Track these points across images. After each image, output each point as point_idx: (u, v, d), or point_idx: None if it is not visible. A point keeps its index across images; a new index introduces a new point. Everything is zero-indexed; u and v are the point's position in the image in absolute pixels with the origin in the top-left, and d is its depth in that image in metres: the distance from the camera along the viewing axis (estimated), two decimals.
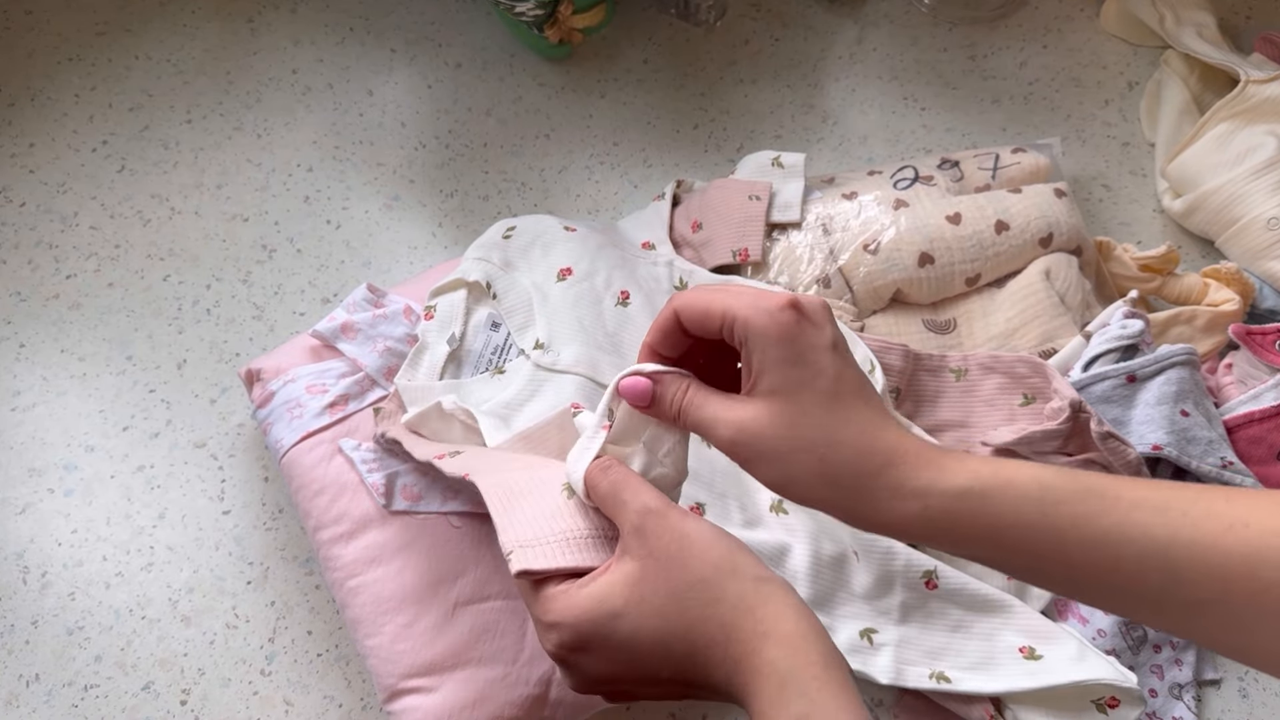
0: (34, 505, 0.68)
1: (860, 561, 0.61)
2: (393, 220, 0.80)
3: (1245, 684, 0.64)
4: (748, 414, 0.40)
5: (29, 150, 0.82)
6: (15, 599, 0.65)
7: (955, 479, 0.38)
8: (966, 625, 0.60)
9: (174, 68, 0.86)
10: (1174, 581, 0.35)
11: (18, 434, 0.70)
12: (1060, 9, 0.92)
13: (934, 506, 0.38)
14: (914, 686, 0.59)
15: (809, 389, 0.39)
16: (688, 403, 0.41)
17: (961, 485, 0.38)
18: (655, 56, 0.89)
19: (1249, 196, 0.75)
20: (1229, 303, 0.71)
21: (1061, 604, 0.63)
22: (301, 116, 0.84)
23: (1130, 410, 0.65)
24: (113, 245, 0.78)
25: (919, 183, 0.74)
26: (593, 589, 0.39)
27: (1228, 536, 0.34)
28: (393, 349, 0.66)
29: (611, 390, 0.43)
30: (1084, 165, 0.84)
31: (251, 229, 0.79)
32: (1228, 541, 0.34)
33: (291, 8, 0.90)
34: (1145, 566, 0.36)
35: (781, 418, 0.39)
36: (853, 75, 0.88)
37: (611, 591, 0.39)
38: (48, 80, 0.85)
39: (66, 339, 0.74)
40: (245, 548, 0.67)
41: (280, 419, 0.64)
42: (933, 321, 0.71)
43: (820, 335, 0.40)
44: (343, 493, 0.62)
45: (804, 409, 0.39)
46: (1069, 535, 0.36)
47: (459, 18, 0.90)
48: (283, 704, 0.63)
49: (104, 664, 0.63)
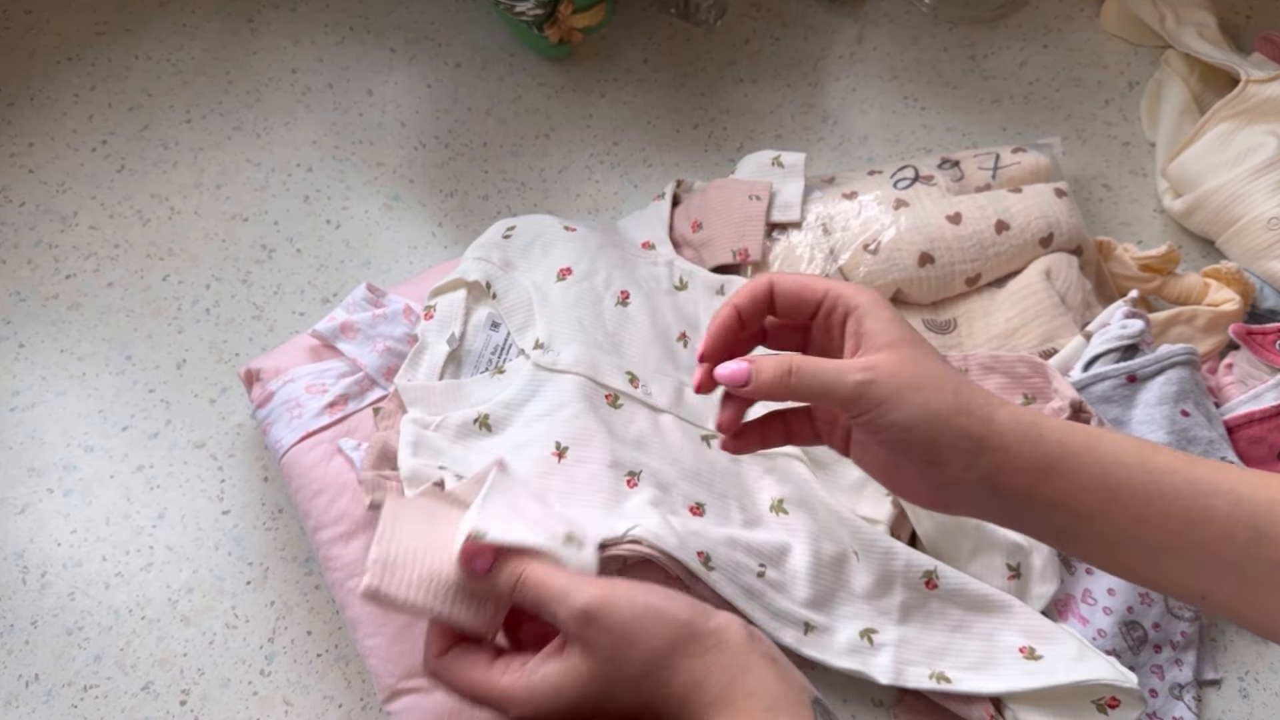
0: (33, 505, 0.68)
1: (860, 561, 0.61)
2: (392, 220, 0.80)
3: (1246, 684, 0.64)
4: (875, 360, 0.41)
5: (28, 150, 0.82)
6: (15, 599, 0.65)
7: (1063, 425, 0.40)
8: (967, 625, 0.60)
9: (174, 67, 0.86)
10: (1258, 539, 0.37)
11: (17, 434, 0.70)
12: (1060, 9, 0.92)
13: (1051, 441, 0.40)
14: (914, 686, 0.59)
15: (924, 345, 0.42)
16: (797, 368, 0.42)
17: (1068, 428, 0.40)
18: (655, 56, 0.89)
19: (1249, 196, 0.75)
20: (1229, 303, 0.71)
21: (1062, 604, 0.63)
22: (301, 116, 0.84)
23: (1131, 410, 0.65)
24: (112, 245, 0.78)
25: (919, 182, 0.74)
26: (548, 678, 0.41)
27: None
28: (392, 349, 0.66)
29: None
30: (1084, 165, 0.84)
31: (251, 229, 0.79)
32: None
33: (291, 7, 0.90)
34: (1233, 519, 0.37)
35: (910, 360, 0.41)
36: (853, 75, 0.88)
37: (563, 684, 0.41)
38: (47, 80, 0.85)
39: (66, 339, 0.74)
40: (245, 548, 0.67)
41: (280, 419, 0.64)
42: (933, 321, 0.70)
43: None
44: (342, 493, 0.62)
45: (926, 354, 0.42)
46: (1164, 482, 0.38)
47: (459, 17, 0.90)
48: (282, 704, 0.63)
49: (103, 664, 0.63)
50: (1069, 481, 0.40)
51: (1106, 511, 0.40)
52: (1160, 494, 0.39)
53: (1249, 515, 0.37)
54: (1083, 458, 0.40)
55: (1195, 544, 0.38)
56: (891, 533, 0.63)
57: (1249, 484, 0.38)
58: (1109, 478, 0.39)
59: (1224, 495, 0.38)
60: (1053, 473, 0.40)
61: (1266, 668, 0.65)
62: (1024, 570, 0.61)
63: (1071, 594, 0.63)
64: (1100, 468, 0.39)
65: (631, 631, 0.40)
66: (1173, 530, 0.39)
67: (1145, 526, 0.39)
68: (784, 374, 0.42)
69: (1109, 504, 0.39)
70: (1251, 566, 0.38)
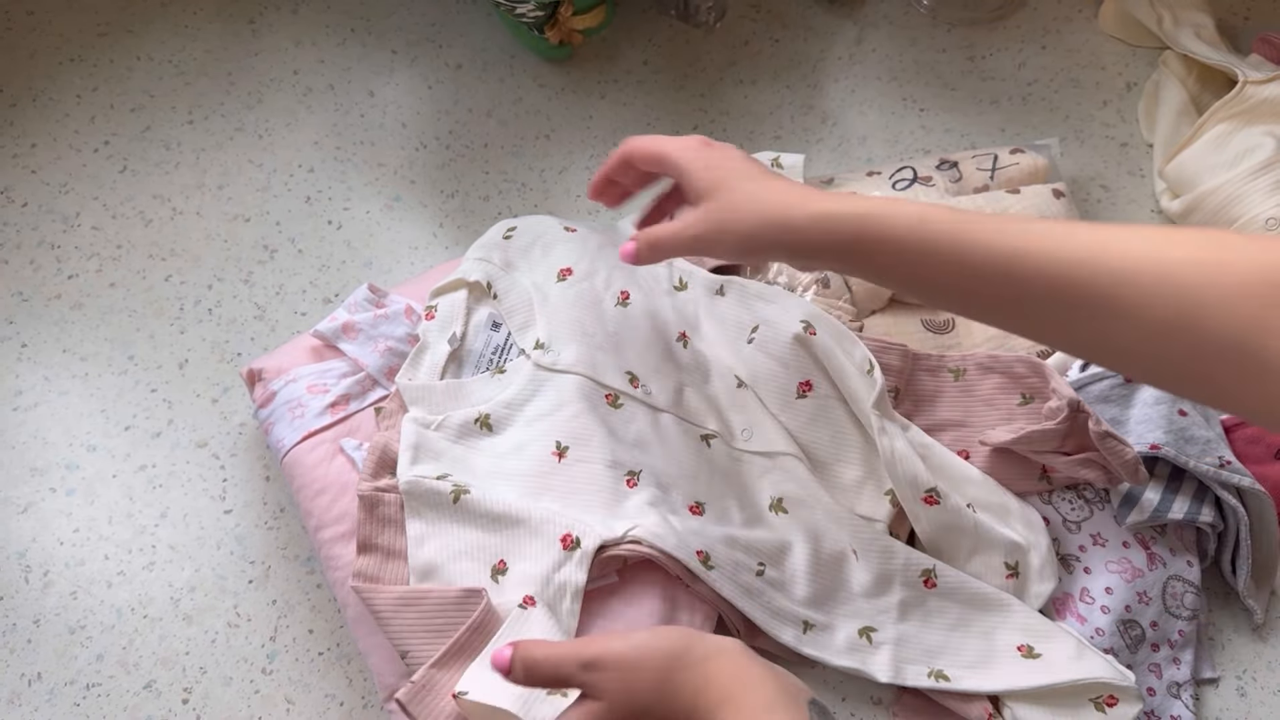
0: (36, 504, 0.68)
1: (859, 560, 0.61)
2: (394, 220, 0.80)
3: (1244, 682, 0.65)
4: (699, 213, 0.53)
5: (31, 150, 0.82)
6: (17, 598, 0.65)
7: (859, 203, 0.49)
8: (965, 623, 0.61)
9: (176, 69, 0.87)
10: (1016, 282, 0.45)
11: (20, 433, 0.71)
12: (1059, 10, 0.92)
13: (845, 215, 0.48)
14: (913, 685, 0.59)
15: (728, 182, 0.52)
16: (653, 240, 0.54)
17: (864, 208, 0.48)
18: (655, 58, 0.89)
19: (1247, 197, 0.75)
20: None
21: (1060, 602, 0.63)
22: (303, 117, 0.85)
23: (1128, 410, 0.66)
24: (114, 245, 0.78)
25: (918, 183, 0.74)
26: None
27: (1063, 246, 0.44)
28: (394, 349, 0.66)
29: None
30: (1082, 166, 0.84)
31: (253, 229, 0.79)
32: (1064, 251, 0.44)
33: (293, 9, 0.90)
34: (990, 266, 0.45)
35: (721, 204, 0.52)
36: (852, 76, 0.88)
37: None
38: (50, 81, 0.85)
39: (68, 339, 0.74)
40: (247, 547, 0.67)
41: (282, 419, 0.64)
42: (931, 321, 0.71)
43: (726, 152, 0.54)
44: (344, 492, 0.62)
45: (732, 190, 0.52)
46: (942, 245, 0.46)
47: (460, 19, 0.90)
48: (284, 702, 0.63)
49: (106, 663, 0.64)
50: (867, 263, 0.50)
51: (892, 276, 0.50)
52: (935, 252, 0.47)
53: (1006, 260, 0.45)
54: (870, 234, 0.48)
55: (968, 291, 0.47)
56: (890, 532, 0.63)
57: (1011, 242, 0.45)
58: (904, 254, 0.48)
59: (984, 247, 0.46)
60: (852, 256, 0.49)
61: (1264, 666, 0.65)
62: (1022, 569, 0.62)
63: (1069, 593, 0.63)
64: (890, 245, 0.48)
65: (633, 662, 0.45)
66: (943, 289, 0.48)
67: (923, 281, 0.48)
68: (646, 247, 0.54)
69: (892, 270, 0.49)
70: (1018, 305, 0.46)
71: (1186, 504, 0.64)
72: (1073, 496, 0.65)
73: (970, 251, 0.45)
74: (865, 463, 0.64)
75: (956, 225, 0.46)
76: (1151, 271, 0.42)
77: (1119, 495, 0.65)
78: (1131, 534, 0.65)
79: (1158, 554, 0.64)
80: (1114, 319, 0.43)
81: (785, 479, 0.64)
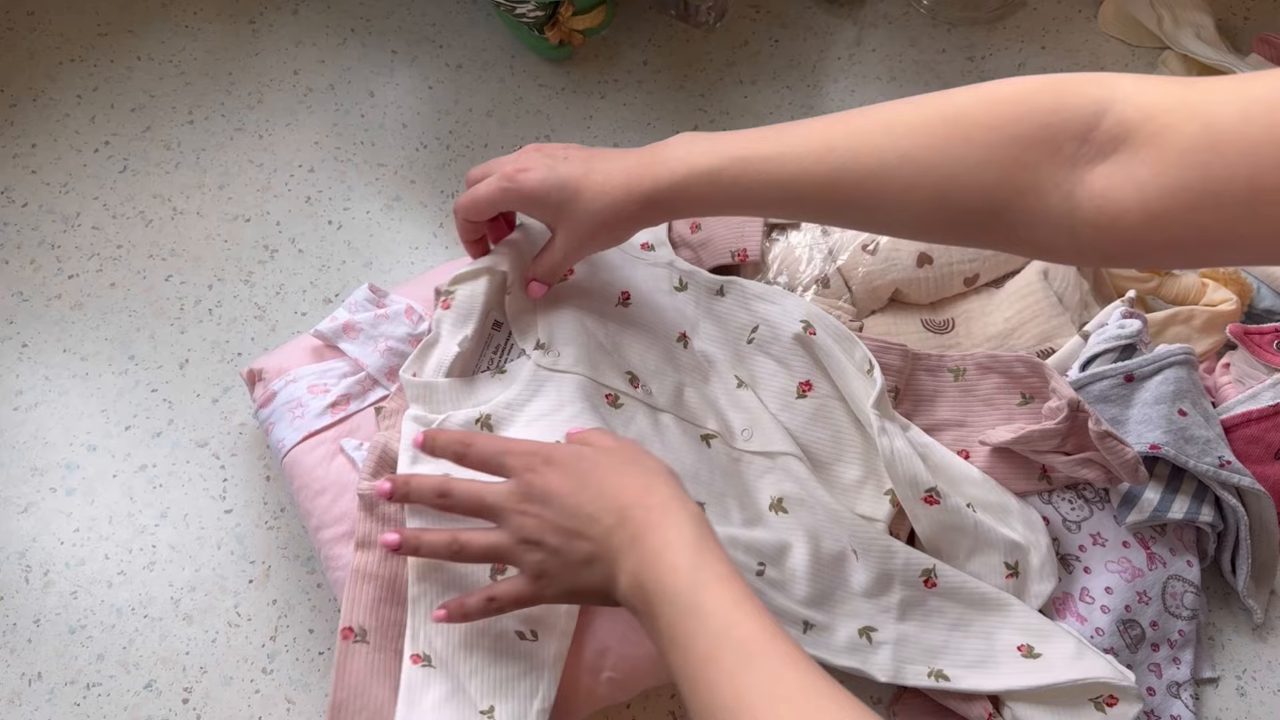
0: (36, 504, 0.68)
1: (859, 560, 0.61)
2: (394, 220, 0.80)
3: (1243, 682, 0.65)
4: (559, 238, 0.58)
5: (31, 151, 0.82)
6: (18, 598, 0.65)
7: (666, 175, 0.54)
8: (965, 623, 0.61)
9: (176, 69, 0.87)
10: (800, 201, 0.52)
11: (20, 433, 0.71)
12: (1058, 10, 0.92)
13: (659, 193, 0.54)
14: (913, 685, 0.59)
15: (564, 209, 0.57)
16: (543, 272, 0.61)
17: (668, 181, 0.54)
18: (655, 58, 0.89)
19: None
20: (1227, 303, 0.72)
21: (1059, 602, 0.63)
22: (303, 117, 0.85)
23: (1128, 410, 0.66)
24: (115, 245, 0.78)
25: None
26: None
27: (817, 167, 0.51)
28: (394, 349, 0.66)
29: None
30: None
31: (253, 229, 0.79)
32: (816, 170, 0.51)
33: (293, 9, 0.90)
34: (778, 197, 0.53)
35: (569, 226, 0.57)
36: (851, 76, 0.88)
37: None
38: (50, 81, 0.85)
39: (69, 339, 0.74)
40: (247, 546, 0.67)
41: (282, 419, 0.64)
42: (931, 321, 0.71)
43: (545, 160, 0.57)
44: (344, 493, 0.62)
45: (572, 213, 0.57)
46: (735, 192, 0.53)
47: (460, 19, 0.90)
48: (284, 702, 0.63)
49: (106, 662, 0.64)
50: (689, 213, 0.57)
51: (708, 214, 0.60)
52: (731, 198, 0.54)
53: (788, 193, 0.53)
54: (682, 207, 0.55)
55: (767, 210, 0.55)
56: (890, 531, 0.63)
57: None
58: (708, 204, 0.55)
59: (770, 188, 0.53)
60: (677, 213, 0.56)
61: (1264, 666, 0.65)
62: (1022, 569, 0.62)
63: (1069, 592, 0.63)
64: (699, 203, 0.55)
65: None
66: (750, 210, 0.55)
67: (733, 211, 0.56)
68: (546, 276, 0.61)
69: (705, 212, 0.57)
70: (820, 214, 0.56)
71: (1186, 504, 0.64)
72: (1073, 496, 0.65)
73: (759, 189, 0.52)
74: (865, 462, 0.65)
75: (743, 172, 0.52)
76: (903, 167, 0.48)
77: (1119, 495, 0.65)
78: (1131, 534, 0.65)
79: (1157, 554, 0.64)
80: (885, 210, 0.50)
81: (785, 479, 0.64)
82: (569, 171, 0.56)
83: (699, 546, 0.46)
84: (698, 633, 0.43)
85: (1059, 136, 0.44)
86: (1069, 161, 0.44)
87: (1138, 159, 0.42)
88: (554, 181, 0.56)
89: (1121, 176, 0.42)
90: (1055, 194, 0.44)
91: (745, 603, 0.44)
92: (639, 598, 0.47)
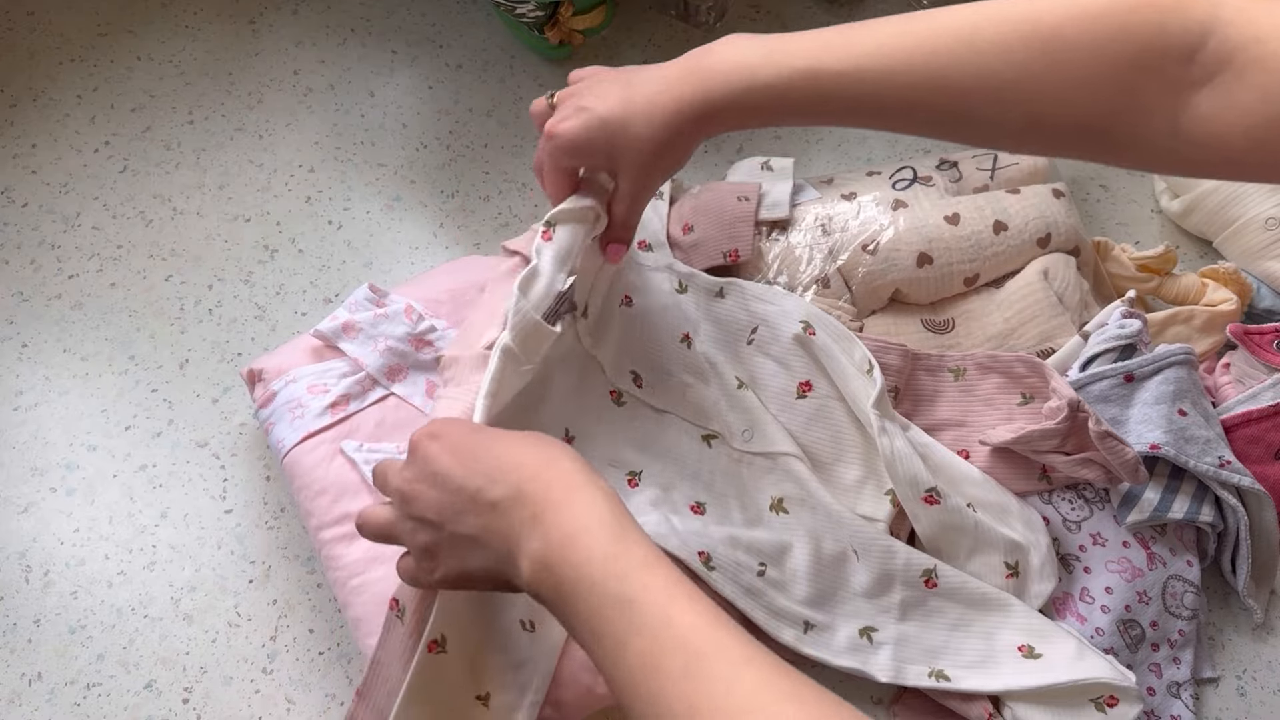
0: (36, 504, 0.68)
1: (860, 560, 0.61)
2: (394, 220, 0.80)
3: (1243, 682, 0.65)
4: (623, 181, 0.56)
5: (31, 151, 0.82)
6: (18, 598, 0.65)
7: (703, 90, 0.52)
8: (966, 623, 0.61)
9: (176, 69, 0.87)
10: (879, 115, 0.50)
11: (20, 433, 0.71)
12: None
13: (692, 111, 0.52)
14: (913, 685, 0.59)
15: (616, 149, 0.54)
16: (618, 227, 0.58)
17: (706, 95, 0.52)
18: (655, 57, 0.89)
19: (1246, 196, 0.75)
20: (1227, 303, 0.72)
21: (1060, 602, 0.63)
22: (303, 117, 0.85)
23: (1128, 409, 0.66)
24: (115, 245, 0.78)
25: (917, 183, 0.74)
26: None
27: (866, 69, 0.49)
28: (394, 348, 0.66)
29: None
30: (1082, 166, 0.84)
31: (253, 229, 0.79)
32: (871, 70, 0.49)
33: (293, 9, 0.90)
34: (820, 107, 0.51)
35: (629, 165, 0.54)
36: None
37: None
38: (50, 81, 0.85)
39: (69, 339, 0.74)
40: (247, 546, 0.67)
41: (282, 419, 0.64)
42: (931, 321, 0.71)
43: (576, 102, 0.55)
44: (344, 493, 0.62)
45: (625, 153, 0.54)
46: (804, 109, 0.52)
47: (460, 19, 0.90)
48: (285, 702, 0.63)
49: (106, 662, 0.64)
50: (737, 127, 0.54)
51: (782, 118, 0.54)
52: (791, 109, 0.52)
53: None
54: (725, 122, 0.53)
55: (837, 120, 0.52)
56: (890, 531, 0.63)
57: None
58: (761, 116, 0.53)
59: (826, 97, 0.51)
60: (739, 115, 0.53)
61: (1264, 666, 0.65)
62: (1022, 569, 0.62)
63: (1069, 592, 0.63)
64: (743, 117, 0.53)
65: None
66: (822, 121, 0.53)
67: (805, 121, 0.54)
68: (622, 232, 0.59)
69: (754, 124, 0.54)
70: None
71: (1186, 504, 0.64)
72: (1073, 496, 0.65)
73: (834, 105, 0.50)
74: (865, 463, 0.65)
75: (815, 89, 0.50)
76: (994, 87, 0.46)
77: (1119, 495, 0.65)
78: (1131, 534, 0.65)
79: (1157, 554, 0.64)
80: (973, 125, 0.49)
81: (786, 479, 0.64)
82: (607, 107, 0.53)
83: (616, 527, 0.41)
84: (629, 630, 0.38)
85: (1163, 60, 0.43)
86: (1173, 85, 0.43)
87: (1243, 83, 0.41)
88: (594, 122, 0.53)
89: (1226, 101, 0.42)
90: (1158, 116, 0.43)
91: (677, 589, 0.39)
92: (548, 585, 0.41)
